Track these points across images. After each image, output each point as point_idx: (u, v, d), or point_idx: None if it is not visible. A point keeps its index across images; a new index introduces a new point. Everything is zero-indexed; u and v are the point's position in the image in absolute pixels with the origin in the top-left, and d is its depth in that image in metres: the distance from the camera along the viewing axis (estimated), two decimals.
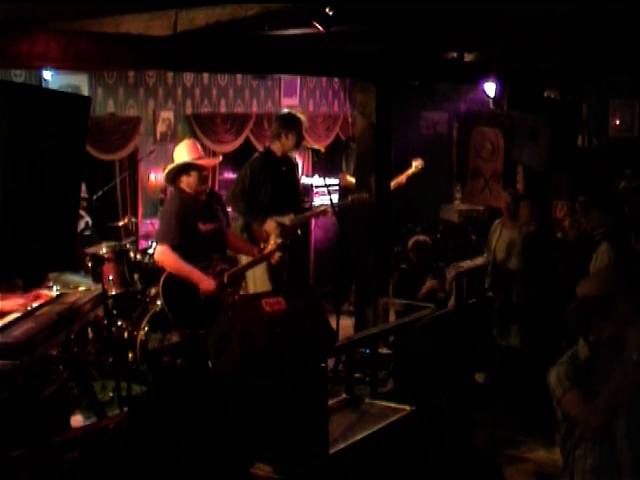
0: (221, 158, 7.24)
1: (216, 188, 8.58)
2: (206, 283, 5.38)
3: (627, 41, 6.44)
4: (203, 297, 5.41)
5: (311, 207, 8.55)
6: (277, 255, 5.73)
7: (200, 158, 5.61)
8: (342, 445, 4.34)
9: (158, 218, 6.10)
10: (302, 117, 6.69)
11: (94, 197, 7.54)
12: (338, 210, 6.56)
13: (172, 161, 5.69)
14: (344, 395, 5.18)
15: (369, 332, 5.87)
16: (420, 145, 10.76)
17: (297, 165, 7.32)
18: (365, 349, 6.29)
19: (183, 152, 5.54)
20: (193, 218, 5.47)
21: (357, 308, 7.51)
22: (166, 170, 5.63)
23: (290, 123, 6.57)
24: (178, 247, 5.39)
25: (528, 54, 7.45)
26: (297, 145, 6.68)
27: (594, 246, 6.31)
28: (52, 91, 3.91)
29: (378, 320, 6.93)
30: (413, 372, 5.41)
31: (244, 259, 5.99)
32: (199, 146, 5.72)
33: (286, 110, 7.19)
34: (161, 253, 5.47)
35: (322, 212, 7.48)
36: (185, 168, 5.49)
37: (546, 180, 9.66)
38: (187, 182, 5.51)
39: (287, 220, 6.48)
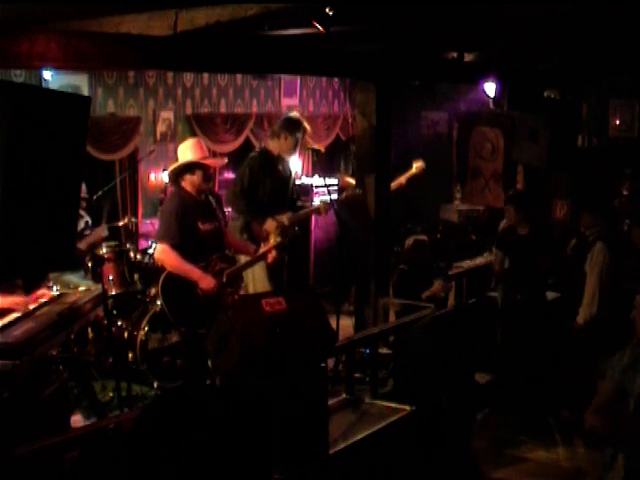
0: (227, 160, 7.24)
1: (216, 188, 8.58)
2: (206, 281, 5.39)
3: (627, 41, 6.44)
4: (202, 296, 5.42)
5: (309, 206, 8.54)
6: (274, 254, 5.74)
7: (206, 157, 5.62)
8: (342, 445, 4.35)
9: (158, 217, 6.12)
10: (307, 126, 6.69)
11: (94, 197, 7.54)
12: (335, 206, 6.55)
13: (175, 160, 5.69)
14: (344, 395, 5.19)
15: (369, 332, 5.87)
16: (420, 145, 10.74)
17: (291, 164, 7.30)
18: (365, 349, 6.30)
19: (188, 151, 5.54)
20: (192, 217, 5.47)
21: (357, 308, 7.51)
22: (171, 167, 5.63)
23: (294, 127, 6.58)
24: (178, 246, 5.40)
25: (528, 54, 7.45)
26: (293, 149, 6.67)
27: (588, 246, 6.33)
28: (52, 91, 3.91)
29: (378, 320, 6.93)
30: (413, 372, 5.41)
31: (243, 258, 6.00)
32: (204, 145, 5.73)
33: (295, 113, 7.18)
34: (161, 252, 5.48)
35: (319, 209, 7.48)
36: (191, 167, 5.49)
37: (546, 180, 9.66)
38: (191, 181, 5.51)
39: (285, 218, 6.49)
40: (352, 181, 8.24)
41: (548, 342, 6.52)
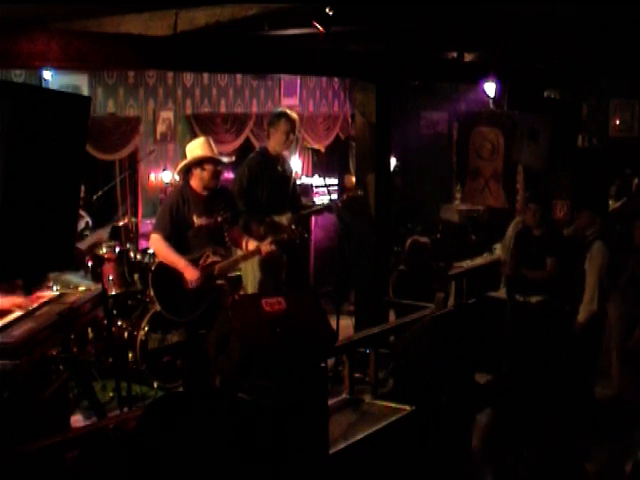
0: (234, 158, 7.29)
1: None
2: (189, 272, 5.49)
3: (627, 41, 6.44)
4: (190, 286, 5.51)
5: (311, 206, 8.53)
6: (269, 248, 5.73)
7: (215, 155, 5.70)
8: (342, 445, 4.35)
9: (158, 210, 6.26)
10: (291, 114, 6.64)
11: (94, 197, 7.54)
12: (335, 207, 6.56)
13: (179, 159, 5.74)
14: (344, 395, 5.19)
15: (369, 332, 5.87)
16: (420, 145, 10.75)
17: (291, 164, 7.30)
18: (365, 349, 6.29)
19: (199, 148, 5.63)
20: (188, 211, 5.58)
21: (357, 308, 7.51)
22: (182, 163, 5.69)
23: (275, 120, 6.58)
24: (169, 238, 5.54)
25: (528, 54, 7.46)
26: (284, 142, 6.60)
27: (587, 245, 6.34)
28: (52, 91, 3.90)
29: (378, 320, 6.93)
30: (413, 372, 5.41)
31: (239, 253, 6.02)
32: (213, 143, 5.77)
33: (281, 108, 7.19)
34: (154, 241, 5.65)
35: (319, 210, 7.48)
36: (201, 162, 5.57)
37: (546, 180, 9.67)
38: (200, 176, 5.59)
39: (285, 219, 6.49)
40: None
41: (555, 343, 6.52)
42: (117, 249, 6.70)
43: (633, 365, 6.00)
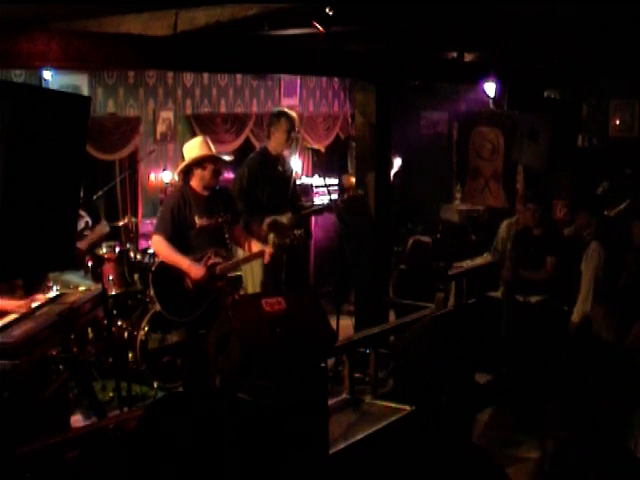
0: (232, 157, 7.28)
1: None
2: (194, 270, 5.49)
3: (627, 41, 6.44)
4: (192, 287, 5.51)
5: (311, 206, 8.53)
6: (271, 252, 5.74)
7: (214, 154, 5.70)
8: (342, 445, 4.35)
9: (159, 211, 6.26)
10: (291, 113, 6.65)
11: (94, 197, 7.54)
12: (334, 207, 6.57)
13: (177, 159, 5.73)
14: (344, 395, 5.19)
15: (369, 332, 5.87)
16: (420, 145, 10.75)
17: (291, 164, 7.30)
18: (365, 349, 6.30)
19: (197, 148, 5.62)
20: (190, 212, 5.58)
21: (357, 308, 7.51)
22: (183, 164, 5.68)
23: (275, 119, 6.59)
24: (172, 239, 5.54)
25: (528, 54, 7.46)
26: (285, 141, 6.60)
27: (583, 246, 6.35)
28: (52, 91, 3.90)
29: (378, 320, 6.93)
30: (413, 372, 5.41)
31: (241, 254, 6.02)
32: (210, 142, 5.77)
33: (279, 108, 7.20)
34: (156, 242, 5.66)
35: (319, 210, 7.49)
36: (201, 162, 5.57)
37: (546, 180, 9.67)
38: (201, 176, 5.59)
39: (285, 219, 6.50)
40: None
41: (554, 343, 6.53)
42: (117, 249, 6.70)
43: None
